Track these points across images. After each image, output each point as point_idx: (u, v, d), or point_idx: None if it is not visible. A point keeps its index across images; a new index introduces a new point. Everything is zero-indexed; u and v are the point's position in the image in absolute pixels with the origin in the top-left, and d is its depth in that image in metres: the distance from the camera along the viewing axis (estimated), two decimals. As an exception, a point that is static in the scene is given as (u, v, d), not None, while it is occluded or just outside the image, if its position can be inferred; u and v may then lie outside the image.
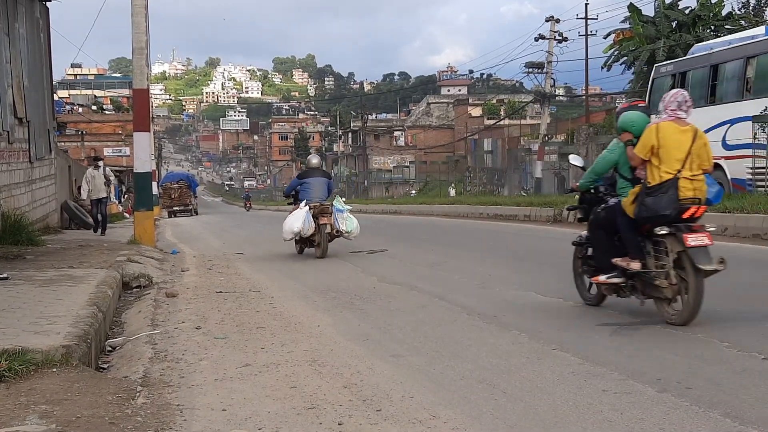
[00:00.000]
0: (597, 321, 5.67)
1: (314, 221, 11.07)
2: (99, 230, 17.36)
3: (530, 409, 3.72)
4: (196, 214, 42.67)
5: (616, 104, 53.81)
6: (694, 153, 5.45)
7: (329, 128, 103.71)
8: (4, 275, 7.89)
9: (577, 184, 6.57)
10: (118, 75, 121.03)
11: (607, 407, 3.67)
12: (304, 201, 11.35)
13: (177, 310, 6.95)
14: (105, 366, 5.18)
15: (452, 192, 39.79)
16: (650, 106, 8.61)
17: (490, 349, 4.97)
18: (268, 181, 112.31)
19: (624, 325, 5.50)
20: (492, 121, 53.25)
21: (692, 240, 5.38)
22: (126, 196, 38.65)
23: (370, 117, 69.73)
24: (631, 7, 33.89)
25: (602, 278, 5.94)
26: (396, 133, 72.88)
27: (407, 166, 64.32)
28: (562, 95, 60.10)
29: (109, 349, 5.73)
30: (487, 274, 8.67)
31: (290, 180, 11.90)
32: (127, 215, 32.17)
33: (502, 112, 57.99)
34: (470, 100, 69.36)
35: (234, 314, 6.66)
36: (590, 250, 6.42)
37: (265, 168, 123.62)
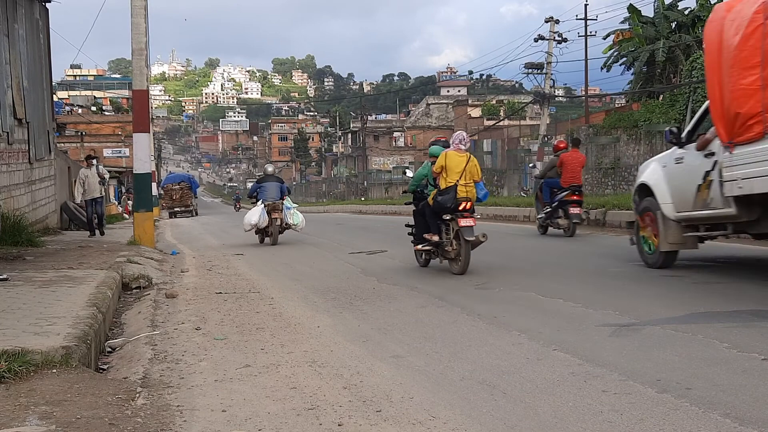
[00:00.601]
0: (597, 322, 5.67)
1: (268, 216, 14.26)
2: (96, 232, 16.69)
3: (530, 409, 3.72)
4: (197, 214, 42.83)
5: (616, 105, 53.85)
6: (467, 170, 8.79)
7: (329, 129, 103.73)
8: (4, 276, 7.89)
9: (407, 188, 10.20)
10: (118, 76, 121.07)
11: (607, 408, 3.67)
12: (261, 200, 14.53)
13: (177, 311, 6.95)
14: (105, 367, 5.18)
15: None
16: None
17: (489, 350, 4.97)
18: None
19: (624, 325, 5.50)
20: (491, 122, 53.24)
21: (463, 222, 8.60)
22: (125, 196, 38.69)
23: (369, 118, 69.72)
24: (631, 8, 33.93)
25: (419, 246, 9.45)
26: (395, 134, 72.91)
27: (407, 167, 64.30)
28: (561, 96, 60.16)
29: (109, 350, 5.73)
30: (486, 274, 8.67)
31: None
32: (126, 216, 32.18)
33: (501, 113, 57.99)
34: (470, 101, 69.32)
35: (234, 315, 6.66)
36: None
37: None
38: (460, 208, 8.65)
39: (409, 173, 11.19)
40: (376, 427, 3.56)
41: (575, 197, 13.46)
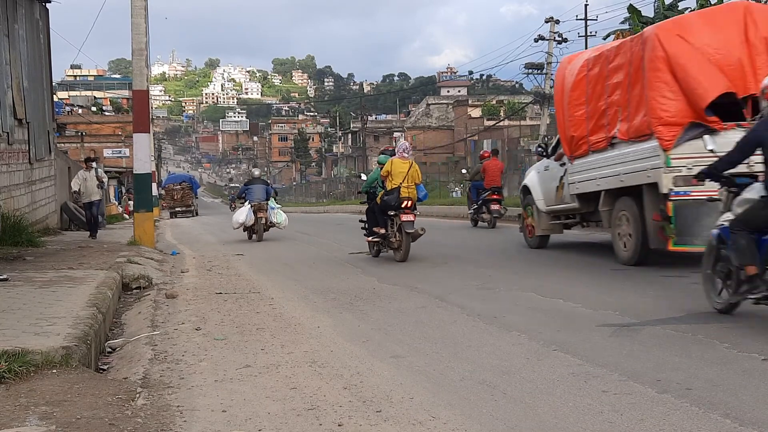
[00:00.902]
0: (597, 322, 5.67)
1: (254, 215, 15.60)
2: (92, 234, 16.31)
3: (530, 410, 3.72)
4: (197, 214, 42.94)
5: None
6: (410, 174, 10.41)
7: (329, 129, 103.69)
8: (4, 276, 7.89)
9: (360, 189, 12.27)
10: (118, 76, 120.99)
11: (607, 408, 3.67)
12: (248, 201, 15.85)
13: (177, 312, 6.95)
14: (105, 367, 5.18)
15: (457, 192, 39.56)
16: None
17: (489, 350, 4.97)
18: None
19: (624, 325, 5.50)
20: (492, 122, 53.23)
21: (404, 217, 10.15)
22: (125, 196, 38.74)
23: (369, 118, 69.75)
24: (631, 8, 33.88)
25: (369, 238, 11.04)
26: (396, 134, 72.86)
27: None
28: (561, 96, 60.01)
29: (109, 350, 5.73)
30: (486, 275, 8.68)
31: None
32: (126, 216, 32.19)
33: (501, 113, 58.00)
34: (470, 101, 69.27)
35: (234, 315, 6.66)
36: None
37: (265, 169, 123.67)
38: (403, 205, 10.29)
39: (363, 177, 13.75)
40: (376, 427, 3.56)
41: (495, 196, 16.55)
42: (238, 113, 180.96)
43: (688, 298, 6.43)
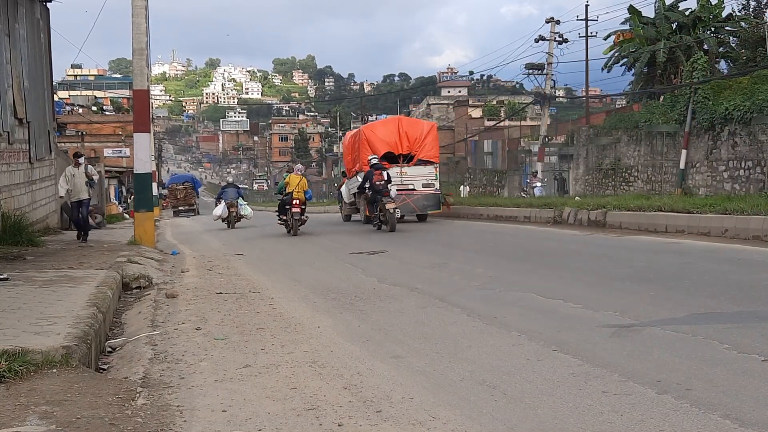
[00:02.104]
0: (597, 322, 5.67)
1: (228, 210, 22.70)
2: (86, 235, 15.01)
3: (530, 410, 3.72)
4: (199, 213, 43.39)
5: (617, 105, 53.81)
6: (299, 185, 17.24)
7: (329, 129, 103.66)
8: (4, 276, 7.90)
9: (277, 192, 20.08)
10: (119, 76, 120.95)
11: (607, 409, 3.67)
12: (224, 200, 22.98)
13: (177, 311, 6.95)
14: (105, 367, 5.18)
15: (464, 192, 39.49)
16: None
17: (490, 351, 4.97)
18: (269, 182, 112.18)
19: (624, 326, 5.50)
20: (492, 123, 53.21)
21: (294, 210, 17.19)
22: (131, 200, 38.78)
23: (370, 118, 69.67)
24: (632, 9, 33.89)
25: (278, 222, 18.59)
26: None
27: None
28: (562, 96, 60.15)
29: (109, 349, 5.73)
30: (487, 275, 8.67)
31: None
32: (126, 216, 32.18)
33: (502, 114, 57.98)
34: (470, 101, 69.30)
35: (234, 315, 6.66)
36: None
37: (265, 169, 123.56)
38: (293, 203, 17.16)
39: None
40: (377, 427, 3.56)
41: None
42: (239, 113, 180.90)
43: (688, 299, 6.43)
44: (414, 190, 19.87)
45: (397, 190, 18.03)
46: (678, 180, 22.88)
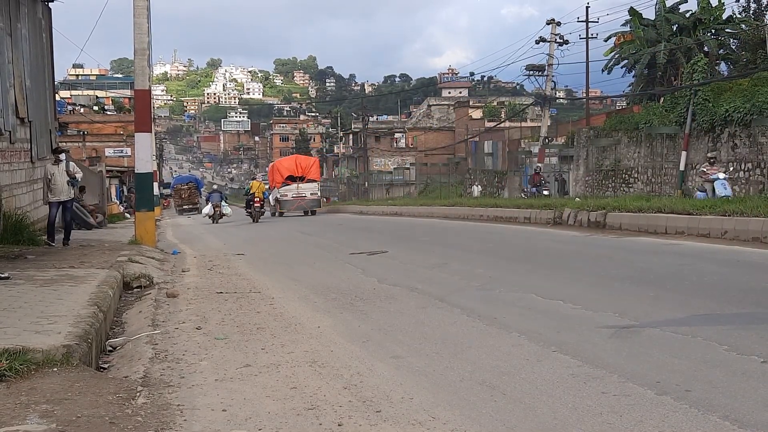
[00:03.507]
0: (596, 323, 5.68)
1: (213, 209, 29.10)
2: (66, 240, 13.10)
3: (530, 410, 3.73)
4: (200, 212, 43.98)
5: (617, 107, 53.77)
6: (259, 188, 29.15)
7: (330, 130, 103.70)
8: (5, 275, 7.91)
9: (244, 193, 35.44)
10: (120, 76, 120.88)
11: (607, 409, 3.68)
12: (210, 202, 29.77)
13: (177, 311, 6.96)
14: (105, 366, 5.19)
15: (476, 191, 39.24)
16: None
17: (489, 351, 4.98)
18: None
19: (623, 327, 5.51)
20: (492, 124, 53.21)
21: (255, 205, 29.00)
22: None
23: (370, 118, 69.71)
24: (632, 11, 33.93)
25: (245, 214, 32.32)
26: (397, 135, 72.86)
27: (408, 168, 64.37)
28: (562, 98, 60.08)
29: (110, 349, 5.74)
30: (487, 275, 8.68)
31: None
32: (128, 216, 32.20)
33: (502, 115, 57.97)
34: (471, 102, 69.29)
35: (234, 315, 6.67)
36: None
37: (266, 169, 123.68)
38: (255, 201, 27.65)
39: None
40: (376, 427, 3.57)
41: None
42: (240, 113, 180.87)
43: (687, 300, 6.44)
44: (305, 197, 34.08)
45: (294, 197, 33.67)
46: (678, 181, 22.89)
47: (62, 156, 13.28)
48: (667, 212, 13.40)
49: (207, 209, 30.06)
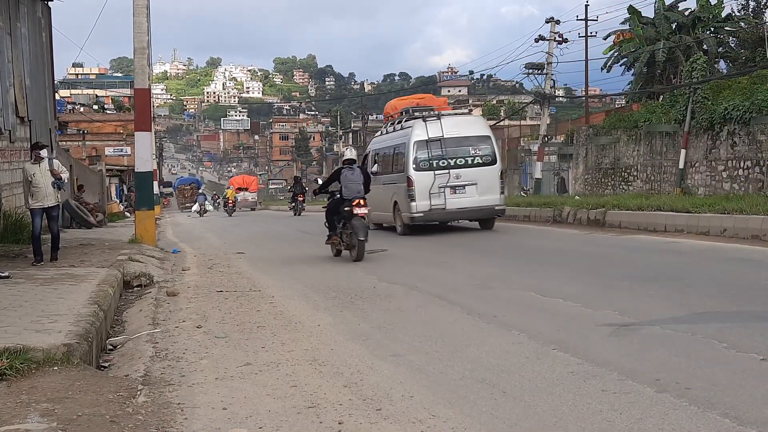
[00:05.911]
0: (596, 321, 5.69)
1: (200, 207, 40.13)
2: (50, 255, 10.16)
3: (529, 408, 3.74)
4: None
5: (616, 105, 53.77)
6: (232, 193, 42.99)
7: (330, 128, 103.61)
8: (6, 274, 7.92)
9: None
10: (120, 75, 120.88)
11: (606, 407, 3.69)
12: (198, 202, 41.28)
13: (178, 309, 6.97)
14: (106, 364, 5.20)
15: None
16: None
17: (489, 349, 4.99)
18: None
19: (623, 325, 5.52)
20: (492, 122, 53.12)
21: (230, 204, 41.50)
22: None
23: (370, 117, 69.68)
24: (631, 9, 33.90)
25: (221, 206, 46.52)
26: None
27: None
28: (562, 96, 60.07)
29: (110, 347, 5.75)
30: (486, 274, 8.69)
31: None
32: (128, 214, 32.20)
33: (502, 113, 57.97)
34: (470, 101, 69.32)
35: (235, 313, 6.68)
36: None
37: (266, 168, 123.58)
38: (229, 202, 39.88)
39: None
40: (377, 425, 3.58)
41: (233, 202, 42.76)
42: (240, 112, 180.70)
43: (686, 298, 6.44)
44: (248, 200, 49.72)
45: (242, 200, 46.51)
46: (677, 180, 22.88)
47: (43, 153, 10.60)
48: (667, 210, 13.40)
49: (195, 207, 41.15)
